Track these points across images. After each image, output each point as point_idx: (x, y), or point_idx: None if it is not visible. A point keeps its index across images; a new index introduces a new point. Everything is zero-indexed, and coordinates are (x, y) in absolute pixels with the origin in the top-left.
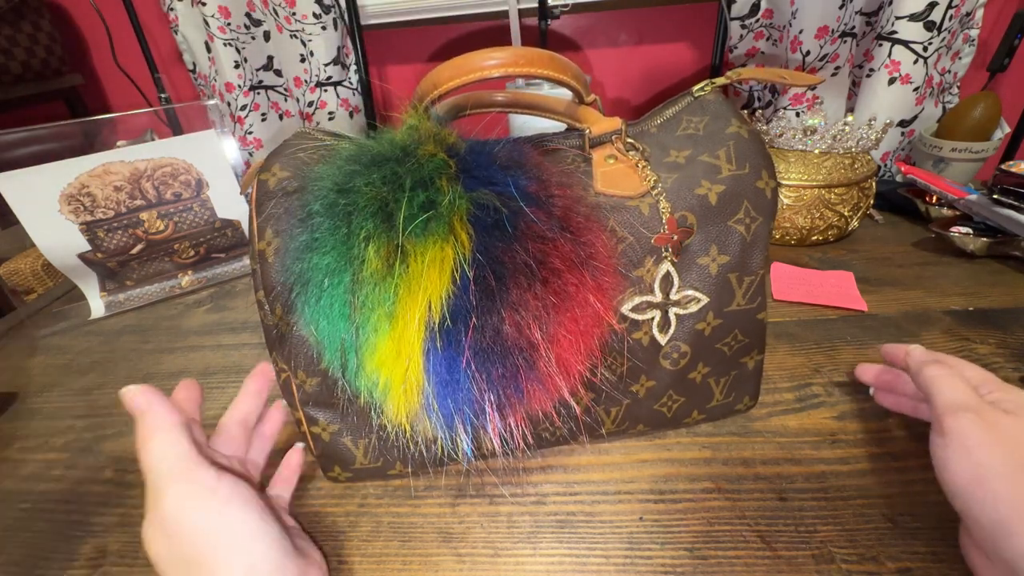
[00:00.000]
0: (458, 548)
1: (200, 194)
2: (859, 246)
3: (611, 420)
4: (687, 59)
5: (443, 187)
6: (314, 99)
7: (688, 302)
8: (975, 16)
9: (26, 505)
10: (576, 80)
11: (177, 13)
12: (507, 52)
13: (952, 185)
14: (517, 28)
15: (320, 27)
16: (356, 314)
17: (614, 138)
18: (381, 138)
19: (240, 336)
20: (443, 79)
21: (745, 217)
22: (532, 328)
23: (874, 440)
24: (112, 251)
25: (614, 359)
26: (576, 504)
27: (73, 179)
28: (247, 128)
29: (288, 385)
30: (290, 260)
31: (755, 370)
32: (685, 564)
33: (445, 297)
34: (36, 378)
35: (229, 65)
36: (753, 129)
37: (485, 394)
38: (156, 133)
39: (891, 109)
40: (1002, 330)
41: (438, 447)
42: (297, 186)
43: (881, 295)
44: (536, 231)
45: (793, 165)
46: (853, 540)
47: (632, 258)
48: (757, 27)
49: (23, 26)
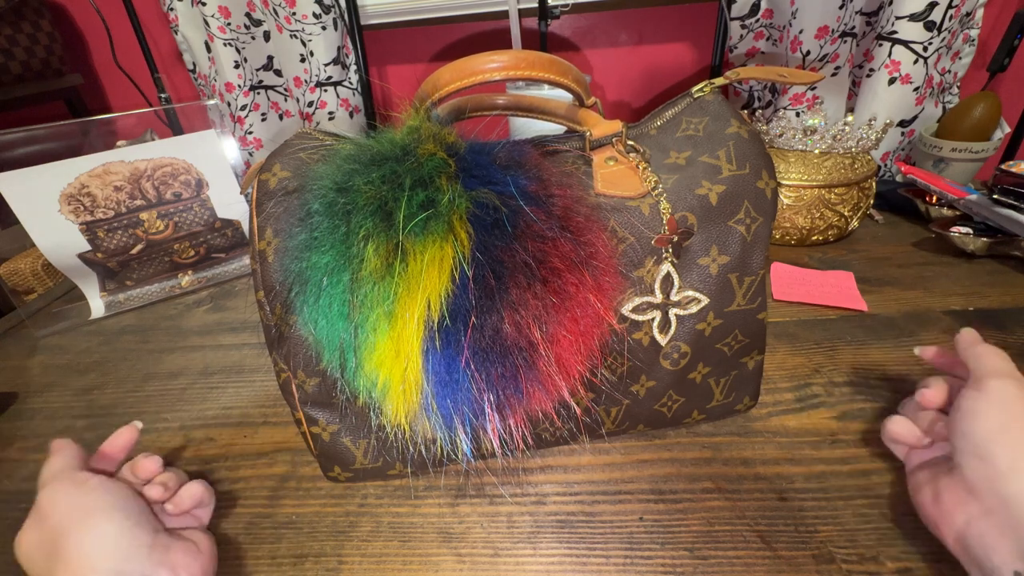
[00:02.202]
0: (458, 548)
1: (200, 194)
2: (859, 246)
3: (611, 420)
4: (687, 59)
5: (443, 186)
6: (314, 99)
7: (688, 303)
8: (975, 16)
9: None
10: (577, 83)
11: (177, 13)
12: (508, 55)
13: (952, 185)
14: (517, 28)
15: (320, 27)
16: (355, 313)
17: (614, 140)
18: (381, 138)
19: (240, 336)
20: (444, 82)
21: (745, 217)
22: (532, 328)
23: (874, 440)
24: (112, 251)
25: (614, 359)
26: (576, 504)
27: (73, 179)
28: (247, 128)
29: (288, 385)
30: (289, 259)
31: (755, 370)
32: (685, 564)
33: (444, 296)
34: (36, 378)
35: (229, 65)
36: (753, 129)
37: (484, 394)
38: (156, 133)
39: (891, 109)
40: (1002, 330)
41: (438, 447)
42: (297, 185)
43: (881, 295)
44: (536, 230)
45: (793, 165)
46: (853, 540)
47: (633, 258)
48: (757, 27)
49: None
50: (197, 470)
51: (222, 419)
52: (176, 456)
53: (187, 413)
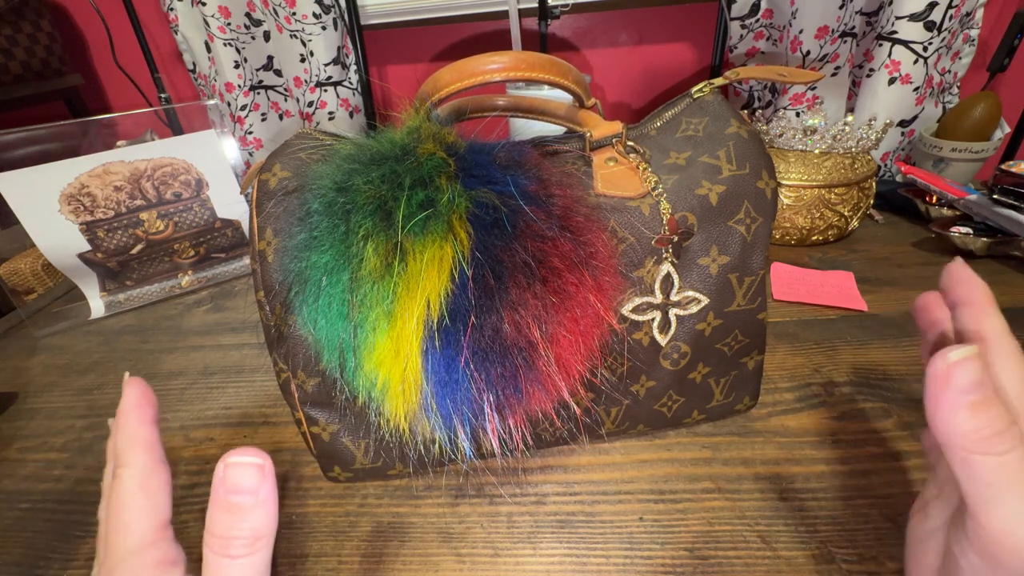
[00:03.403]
0: (458, 548)
1: (200, 194)
2: (859, 246)
3: (611, 420)
4: (687, 59)
5: (442, 185)
6: (314, 99)
7: (688, 303)
8: (975, 16)
9: (26, 505)
10: (577, 84)
11: (177, 13)
12: (509, 56)
13: (952, 185)
14: (517, 28)
15: (320, 27)
16: (354, 313)
17: (615, 141)
18: (381, 137)
19: (240, 336)
20: (444, 82)
21: (745, 217)
22: (531, 327)
23: (874, 440)
24: (112, 251)
25: (614, 359)
26: (576, 504)
27: (73, 179)
28: (247, 128)
29: (288, 385)
30: (288, 259)
31: (755, 370)
32: (685, 564)
33: (444, 296)
34: (36, 378)
35: (229, 65)
36: (753, 129)
37: (484, 394)
38: (156, 133)
39: (891, 109)
40: None
41: (437, 447)
42: (297, 185)
43: (881, 295)
44: (536, 230)
45: (793, 165)
46: (853, 540)
47: (633, 259)
48: (757, 27)
49: (23, 26)
50: (197, 470)
51: (222, 419)
52: (176, 456)
53: (187, 413)
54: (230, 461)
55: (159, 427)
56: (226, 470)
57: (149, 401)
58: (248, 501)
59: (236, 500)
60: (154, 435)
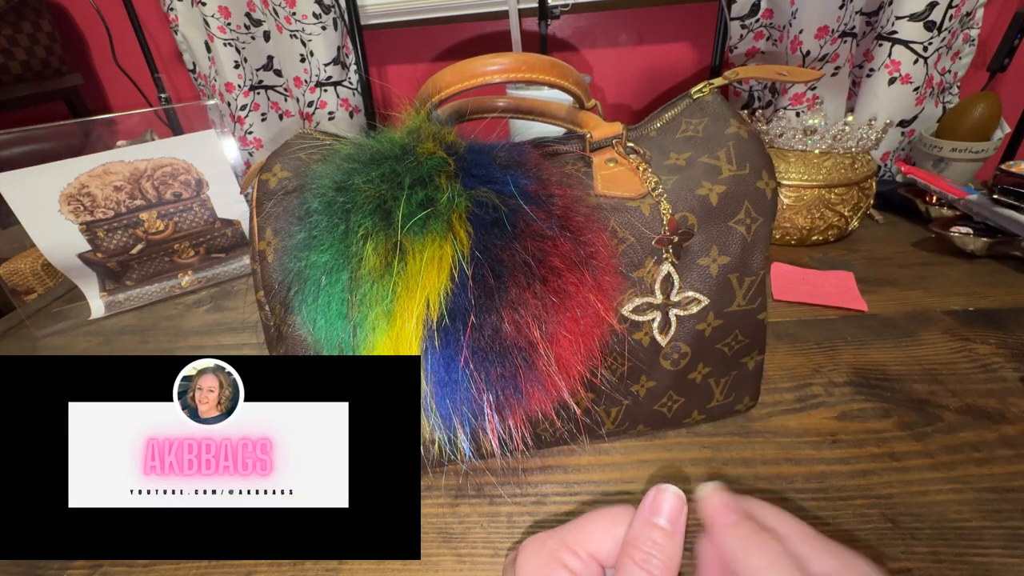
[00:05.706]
0: (458, 548)
1: (200, 194)
2: (859, 246)
3: (611, 420)
4: (687, 59)
5: (442, 185)
6: (314, 99)
7: (689, 303)
8: (975, 16)
9: None
10: (577, 86)
11: (177, 13)
12: (509, 58)
13: (952, 185)
14: (517, 28)
15: (320, 27)
16: (354, 312)
17: (615, 142)
18: (381, 137)
19: (240, 336)
20: (445, 83)
21: (746, 218)
22: (531, 327)
23: (874, 440)
24: (112, 251)
25: (614, 360)
26: (576, 504)
27: (73, 179)
28: (247, 128)
29: None
30: (288, 258)
31: (755, 370)
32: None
33: (443, 295)
34: None
35: (229, 65)
36: (752, 129)
37: (484, 394)
38: (156, 133)
39: (891, 109)
40: (1002, 330)
41: (437, 447)
42: (297, 185)
43: (881, 295)
44: (536, 229)
45: (793, 165)
46: (853, 540)
47: (633, 259)
48: (757, 27)
49: (23, 26)
50: None
51: None
52: None
53: None
54: (662, 487)
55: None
56: (656, 494)
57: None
58: (668, 527)
59: (659, 523)
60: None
